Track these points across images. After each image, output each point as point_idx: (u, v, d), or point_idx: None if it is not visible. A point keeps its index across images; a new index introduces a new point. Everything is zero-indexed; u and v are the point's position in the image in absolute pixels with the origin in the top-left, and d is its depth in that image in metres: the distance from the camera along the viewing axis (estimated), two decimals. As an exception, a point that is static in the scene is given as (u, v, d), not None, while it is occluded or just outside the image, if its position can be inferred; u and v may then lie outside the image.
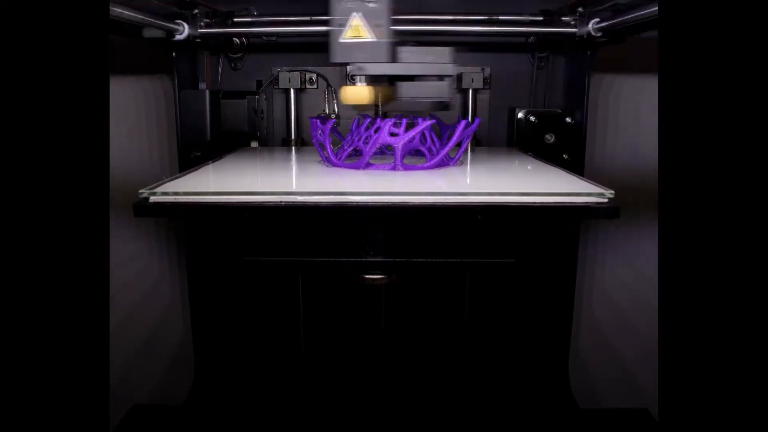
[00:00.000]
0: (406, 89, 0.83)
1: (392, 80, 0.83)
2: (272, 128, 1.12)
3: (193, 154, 1.03)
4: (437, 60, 0.80)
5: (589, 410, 1.02)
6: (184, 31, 0.87)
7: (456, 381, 0.83)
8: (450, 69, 0.81)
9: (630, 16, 0.75)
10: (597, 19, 0.87)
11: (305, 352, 0.82)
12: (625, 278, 1.17)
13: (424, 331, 0.82)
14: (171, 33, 0.87)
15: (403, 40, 0.81)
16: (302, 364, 0.83)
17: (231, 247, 0.75)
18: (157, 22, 0.80)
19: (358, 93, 0.81)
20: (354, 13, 0.76)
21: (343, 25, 0.77)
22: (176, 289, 1.17)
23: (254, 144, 1.09)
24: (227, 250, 0.76)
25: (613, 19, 0.82)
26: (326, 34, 0.78)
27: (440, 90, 0.82)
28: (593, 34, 0.88)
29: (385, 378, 0.83)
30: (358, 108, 0.82)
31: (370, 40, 0.77)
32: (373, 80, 0.83)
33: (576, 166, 1.05)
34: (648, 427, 0.94)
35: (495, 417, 0.82)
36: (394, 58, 0.79)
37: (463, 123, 0.82)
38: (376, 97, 0.86)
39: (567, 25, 0.91)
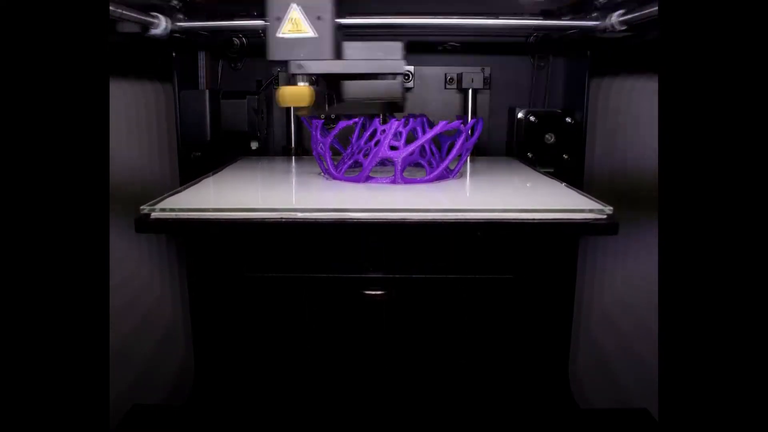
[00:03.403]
0: (352, 89, 0.78)
1: (337, 79, 0.78)
2: (272, 129, 1.12)
3: (193, 154, 1.03)
4: (387, 56, 0.75)
5: (589, 410, 1.02)
6: (161, 24, 0.82)
7: (458, 387, 0.83)
8: (401, 66, 0.75)
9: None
10: (622, 11, 0.80)
11: (305, 367, 0.82)
12: (624, 281, 1.17)
13: (425, 342, 0.82)
14: (147, 27, 0.81)
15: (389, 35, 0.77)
16: (302, 377, 0.83)
17: (232, 262, 0.76)
18: (132, 14, 0.76)
19: (297, 94, 0.74)
20: (292, 5, 0.70)
21: (280, 18, 0.70)
22: (176, 292, 1.17)
23: (254, 144, 1.09)
24: (228, 266, 0.76)
25: (641, 10, 0.75)
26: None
27: (391, 89, 0.77)
28: (617, 27, 0.81)
29: (386, 380, 0.83)
30: (299, 110, 0.78)
31: (310, 35, 0.71)
32: (316, 80, 0.76)
33: (576, 167, 1.05)
34: (648, 427, 0.94)
35: (496, 419, 0.82)
36: (339, 55, 0.73)
37: (462, 135, 0.81)
38: (318, 99, 0.80)
39: (587, 18, 0.85)
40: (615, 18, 0.80)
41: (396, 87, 0.77)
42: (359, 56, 0.74)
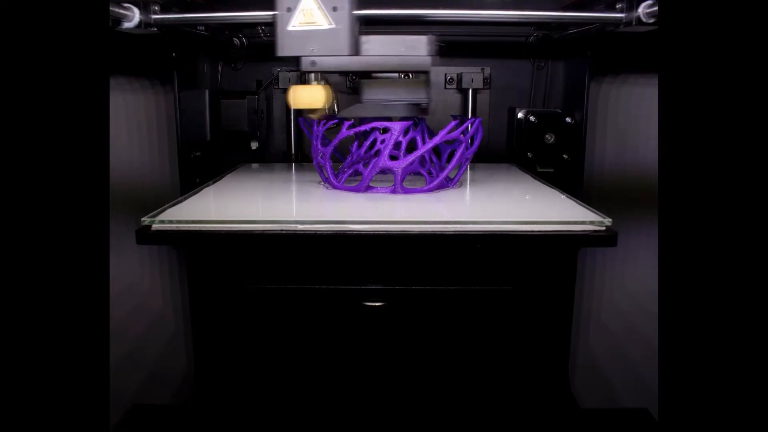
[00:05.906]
0: (371, 90, 0.71)
1: (354, 77, 0.70)
2: (272, 130, 1.12)
3: (193, 154, 1.03)
4: (410, 52, 0.66)
5: (590, 410, 1.02)
6: (134, 17, 0.78)
7: (459, 394, 0.83)
8: (427, 63, 0.67)
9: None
10: (650, 2, 0.75)
11: (304, 378, 0.82)
12: (622, 282, 1.17)
13: (425, 352, 0.82)
14: (119, 20, 0.78)
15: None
16: (301, 388, 0.83)
17: (232, 273, 0.76)
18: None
19: (311, 94, 0.69)
20: None
21: (291, 8, 0.64)
22: (178, 300, 1.16)
23: (254, 144, 1.09)
24: (228, 277, 0.76)
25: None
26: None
27: (416, 90, 0.70)
28: (644, 20, 0.76)
29: (386, 387, 0.83)
30: (310, 113, 0.74)
31: (326, 27, 0.64)
32: (329, 78, 0.69)
33: (576, 167, 1.05)
34: (648, 427, 0.94)
35: (498, 424, 0.82)
36: (357, 51, 0.66)
37: (462, 145, 0.81)
38: (333, 100, 0.73)
39: (611, 9, 0.79)
40: (642, 9, 0.77)
41: (422, 88, 0.69)
42: (379, 52, 0.67)
